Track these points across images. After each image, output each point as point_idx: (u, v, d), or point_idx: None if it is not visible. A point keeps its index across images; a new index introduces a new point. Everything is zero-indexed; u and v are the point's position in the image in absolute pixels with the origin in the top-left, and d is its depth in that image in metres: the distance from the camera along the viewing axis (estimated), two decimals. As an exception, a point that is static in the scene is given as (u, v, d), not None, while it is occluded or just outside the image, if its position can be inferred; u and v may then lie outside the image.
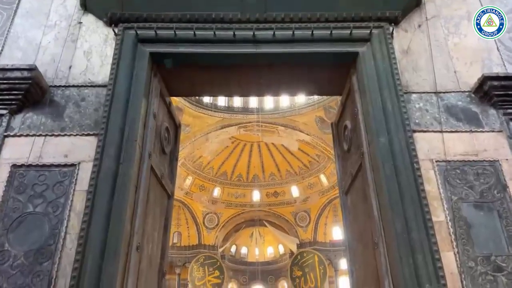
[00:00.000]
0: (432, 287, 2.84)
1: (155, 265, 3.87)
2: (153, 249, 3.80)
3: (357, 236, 3.97)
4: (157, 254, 3.96)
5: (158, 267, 3.93)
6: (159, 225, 4.05)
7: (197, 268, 32.84)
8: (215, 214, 36.50)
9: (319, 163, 35.02)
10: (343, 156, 4.56)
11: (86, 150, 3.46)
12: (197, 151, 33.79)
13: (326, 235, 35.92)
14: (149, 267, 3.66)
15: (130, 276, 3.09)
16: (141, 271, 3.39)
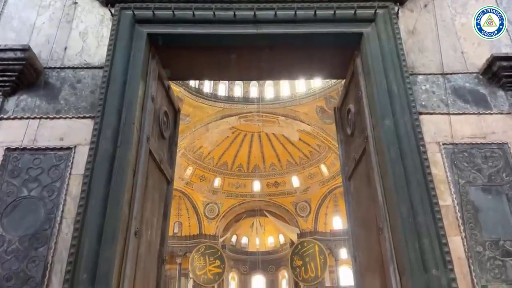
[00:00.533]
0: (439, 272, 2.75)
1: (155, 251, 3.80)
2: (152, 235, 3.72)
3: (360, 221, 3.89)
4: (157, 240, 3.88)
5: (157, 254, 3.85)
6: (158, 211, 3.97)
7: (198, 258, 32.93)
8: (215, 204, 36.53)
9: (319, 153, 34.92)
10: (346, 141, 4.45)
11: (82, 133, 3.36)
12: (197, 141, 33.69)
13: (326, 225, 35.99)
14: (148, 253, 3.58)
15: (128, 262, 3.01)
16: (139, 257, 3.31)
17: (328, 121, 31.34)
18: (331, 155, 33.66)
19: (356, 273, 3.88)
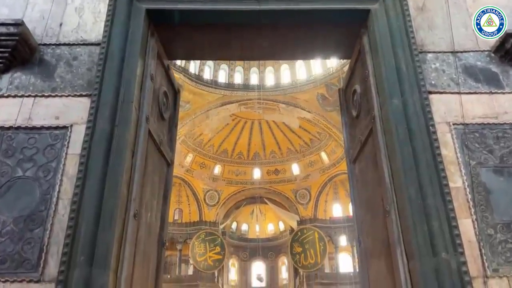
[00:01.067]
0: (449, 255, 2.66)
1: (154, 234, 3.71)
2: (152, 218, 3.63)
3: (365, 205, 3.79)
4: (157, 223, 3.79)
5: (157, 237, 3.76)
6: (158, 194, 3.87)
7: (198, 244, 33.11)
8: (215, 191, 36.58)
9: (320, 141, 34.82)
10: (351, 123, 4.33)
11: (79, 111, 3.24)
12: (197, 128, 33.55)
13: (326, 212, 36.09)
14: (148, 236, 3.49)
15: (127, 244, 2.92)
16: (139, 239, 3.22)
17: (329, 108, 31.19)
18: (331, 143, 33.58)
19: (361, 258, 3.79)
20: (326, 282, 31.94)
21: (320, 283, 31.67)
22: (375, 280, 3.46)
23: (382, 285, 3.29)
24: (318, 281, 31.72)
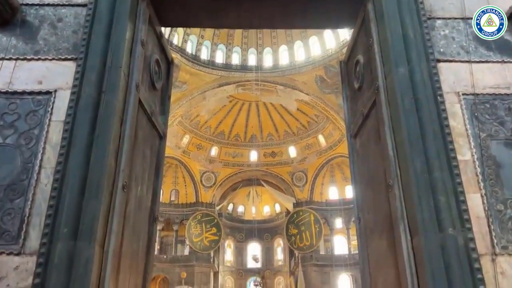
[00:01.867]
0: (456, 231, 2.51)
1: (145, 209, 3.54)
2: (142, 191, 3.46)
3: (366, 180, 3.63)
4: (148, 197, 3.62)
5: (149, 211, 3.60)
6: (149, 167, 3.68)
7: (195, 225, 33.22)
8: (212, 173, 36.51)
9: (317, 124, 34.65)
10: (352, 97, 4.14)
11: (64, 76, 3.03)
12: (194, 109, 33.23)
13: (322, 194, 36.18)
14: (138, 210, 3.32)
15: (115, 217, 2.75)
16: (128, 213, 3.05)
17: (327, 90, 30.90)
18: (329, 126, 33.42)
19: (360, 235, 3.65)
20: (321, 264, 32.24)
21: (315, 265, 31.97)
22: (376, 258, 3.33)
23: (383, 263, 3.16)
24: (313, 263, 32.02)
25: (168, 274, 31.46)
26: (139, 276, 3.30)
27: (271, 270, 34.83)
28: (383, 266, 3.15)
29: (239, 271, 37.68)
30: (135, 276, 3.19)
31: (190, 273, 30.05)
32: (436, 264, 2.46)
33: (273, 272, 35.91)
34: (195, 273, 30.88)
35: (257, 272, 34.12)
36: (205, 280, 31.55)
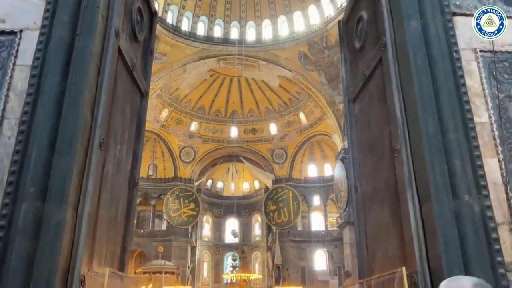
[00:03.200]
0: (472, 198, 2.29)
1: (125, 172, 3.21)
2: (122, 152, 3.11)
3: (366, 146, 3.38)
4: (128, 160, 3.28)
5: (128, 175, 3.26)
6: (130, 127, 3.33)
7: (173, 200, 32.90)
8: (191, 148, 36.01)
9: (299, 101, 34.38)
10: (352, 58, 3.85)
11: (31, 15, 2.61)
12: (174, 82, 32.34)
13: (301, 172, 36.33)
14: (117, 172, 2.99)
15: (91, 177, 2.41)
16: (106, 174, 2.71)
17: (310, 67, 30.55)
18: (310, 103, 33.21)
19: (357, 205, 3.43)
20: (298, 240, 32.65)
21: (292, 240, 32.35)
22: (375, 229, 3.11)
23: (383, 235, 2.95)
24: (290, 239, 32.37)
25: (145, 248, 31.27)
26: (117, 245, 2.99)
27: (249, 246, 35.08)
28: (383, 238, 2.94)
29: (217, 246, 37.84)
30: (113, 244, 2.89)
31: (167, 248, 29.90)
32: (449, 234, 2.24)
33: (250, 247, 36.19)
34: (172, 247, 30.78)
35: (235, 248, 34.31)
36: (183, 254, 31.53)
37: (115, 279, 2.63)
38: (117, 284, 2.71)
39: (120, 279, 2.76)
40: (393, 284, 2.54)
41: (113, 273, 2.44)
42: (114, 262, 2.89)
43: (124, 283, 2.95)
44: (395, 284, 2.48)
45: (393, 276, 2.53)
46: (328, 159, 35.49)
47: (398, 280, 2.47)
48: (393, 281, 2.54)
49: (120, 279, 2.76)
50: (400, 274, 2.33)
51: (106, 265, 2.65)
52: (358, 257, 3.34)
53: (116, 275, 2.65)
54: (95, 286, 2.40)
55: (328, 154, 35.30)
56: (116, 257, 2.96)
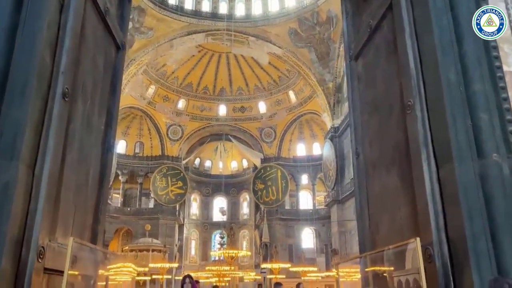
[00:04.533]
0: (500, 158, 1.96)
1: (98, 132, 2.80)
2: (94, 110, 2.71)
3: (370, 107, 3.03)
4: (101, 119, 2.87)
5: (102, 136, 2.86)
6: (103, 82, 2.91)
7: (160, 178, 32.55)
8: (179, 126, 35.45)
9: (288, 79, 33.88)
10: (355, 11, 3.45)
11: None
12: (160, 58, 31.50)
13: (290, 151, 36.17)
14: (87, 132, 2.59)
15: (52, 131, 2.02)
16: (72, 132, 2.32)
17: (300, 44, 29.96)
18: (300, 81, 32.76)
19: (359, 172, 3.10)
20: (286, 218, 32.74)
21: (280, 219, 32.43)
22: (379, 197, 2.79)
23: (389, 203, 2.62)
24: (278, 217, 32.44)
25: (132, 226, 31.06)
26: (88, 214, 2.62)
27: (237, 224, 35.09)
28: (389, 207, 2.62)
29: (205, 225, 37.81)
30: (82, 214, 2.51)
31: (154, 226, 29.70)
32: (473, 199, 1.92)
33: (238, 225, 36.22)
34: (159, 225, 30.59)
35: (223, 226, 34.29)
36: (170, 232, 31.39)
37: (84, 252, 2.26)
38: (87, 257, 2.35)
39: (91, 252, 2.39)
40: (402, 258, 2.23)
41: (79, 244, 2.07)
42: (84, 234, 2.53)
43: (97, 257, 2.59)
44: (406, 257, 2.17)
45: (402, 248, 2.21)
46: (317, 138, 35.35)
47: (410, 253, 2.16)
48: (402, 254, 2.23)
49: (91, 252, 2.39)
50: (413, 246, 2.01)
51: (75, 236, 2.28)
52: (358, 229, 3.03)
53: (86, 247, 2.28)
54: (60, 259, 2.03)
55: (317, 133, 35.14)
56: (87, 228, 2.59)
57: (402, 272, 2.27)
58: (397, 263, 2.28)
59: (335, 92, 29.19)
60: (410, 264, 2.18)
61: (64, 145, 2.19)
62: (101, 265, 2.61)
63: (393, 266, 2.37)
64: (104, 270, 2.69)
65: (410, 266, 2.16)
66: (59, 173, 2.10)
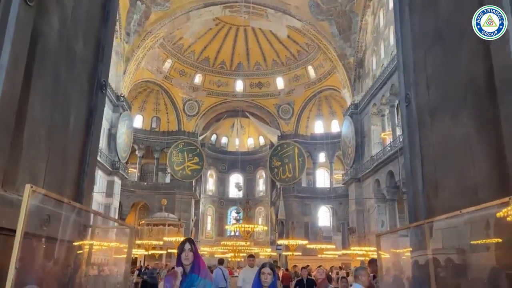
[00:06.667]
0: None
1: (83, 63, 2.24)
2: (76, 32, 2.13)
3: (428, 37, 2.36)
4: (88, 48, 2.30)
5: (88, 70, 2.29)
6: (90, 2, 2.31)
7: (176, 154, 32.30)
8: (195, 101, 34.90)
9: (308, 53, 32.73)
10: None
11: None
12: (177, 31, 30.70)
13: (307, 128, 35.33)
14: (66, 58, 2.02)
15: (6, 41, 1.44)
16: (42, 50, 1.75)
17: (321, 17, 28.70)
18: (319, 56, 31.60)
19: (409, 123, 2.47)
20: (302, 196, 32.26)
21: (296, 196, 31.98)
22: (441, 151, 2.16)
23: (455, 157, 1.99)
24: (295, 194, 31.99)
25: (148, 200, 31.11)
26: (70, 165, 2.07)
27: (253, 201, 34.86)
28: (456, 163, 2.00)
29: (221, 201, 37.72)
30: (61, 163, 1.96)
31: (170, 201, 29.67)
32: None
33: (254, 202, 36.01)
34: (175, 200, 30.54)
35: (239, 202, 34.08)
36: (186, 207, 31.35)
37: (60, 210, 1.73)
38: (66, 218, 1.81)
39: (71, 210, 1.85)
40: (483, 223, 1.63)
41: (45, 196, 1.52)
42: (64, 188, 1.99)
43: (83, 219, 2.06)
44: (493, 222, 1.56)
45: (483, 212, 1.60)
46: (335, 115, 34.36)
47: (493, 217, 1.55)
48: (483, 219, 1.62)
49: (71, 210, 1.85)
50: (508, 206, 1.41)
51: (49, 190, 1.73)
52: (408, 192, 2.42)
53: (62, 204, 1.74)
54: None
55: (336, 110, 34.11)
56: (69, 181, 2.06)
57: (484, 240, 1.67)
58: (476, 230, 1.68)
59: (356, 67, 28.08)
60: (495, 231, 1.58)
61: (29, 64, 1.63)
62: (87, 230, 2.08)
63: (467, 234, 1.77)
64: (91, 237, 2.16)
65: (497, 232, 1.56)
66: (20, 99, 1.55)
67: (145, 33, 27.13)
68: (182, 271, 2.35)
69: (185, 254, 2.36)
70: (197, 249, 2.41)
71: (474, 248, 1.84)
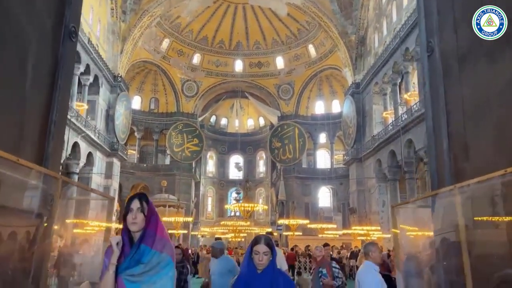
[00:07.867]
0: None
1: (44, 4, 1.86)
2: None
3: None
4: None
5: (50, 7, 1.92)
6: None
7: (176, 135, 31.94)
8: (194, 82, 34.34)
9: (308, 32, 31.99)
10: None
11: None
12: (174, 9, 29.91)
13: (308, 108, 34.86)
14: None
15: None
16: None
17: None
18: (320, 34, 30.90)
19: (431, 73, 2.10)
20: (303, 176, 32.06)
21: (297, 177, 31.78)
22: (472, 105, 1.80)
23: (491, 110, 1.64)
24: (295, 175, 31.78)
25: (148, 182, 30.94)
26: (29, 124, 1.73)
27: (253, 182, 34.69)
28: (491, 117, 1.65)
29: (221, 182, 37.57)
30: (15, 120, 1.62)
31: (170, 182, 29.48)
32: None
33: (254, 183, 35.86)
34: (176, 182, 30.35)
35: (239, 183, 33.90)
36: (186, 189, 31.20)
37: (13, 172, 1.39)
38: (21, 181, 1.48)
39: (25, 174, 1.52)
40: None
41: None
42: (22, 150, 1.64)
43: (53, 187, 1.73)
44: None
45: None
46: (336, 95, 33.83)
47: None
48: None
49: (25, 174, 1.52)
50: None
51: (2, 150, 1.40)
52: (431, 155, 2.08)
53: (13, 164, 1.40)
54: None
55: (337, 90, 33.57)
56: (29, 143, 1.71)
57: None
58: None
59: (357, 45, 27.44)
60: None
61: None
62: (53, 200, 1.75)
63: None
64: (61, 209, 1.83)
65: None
66: None
67: (142, 12, 26.43)
68: (121, 241, 1.65)
69: (131, 216, 1.64)
70: (153, 209, 1.69)
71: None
